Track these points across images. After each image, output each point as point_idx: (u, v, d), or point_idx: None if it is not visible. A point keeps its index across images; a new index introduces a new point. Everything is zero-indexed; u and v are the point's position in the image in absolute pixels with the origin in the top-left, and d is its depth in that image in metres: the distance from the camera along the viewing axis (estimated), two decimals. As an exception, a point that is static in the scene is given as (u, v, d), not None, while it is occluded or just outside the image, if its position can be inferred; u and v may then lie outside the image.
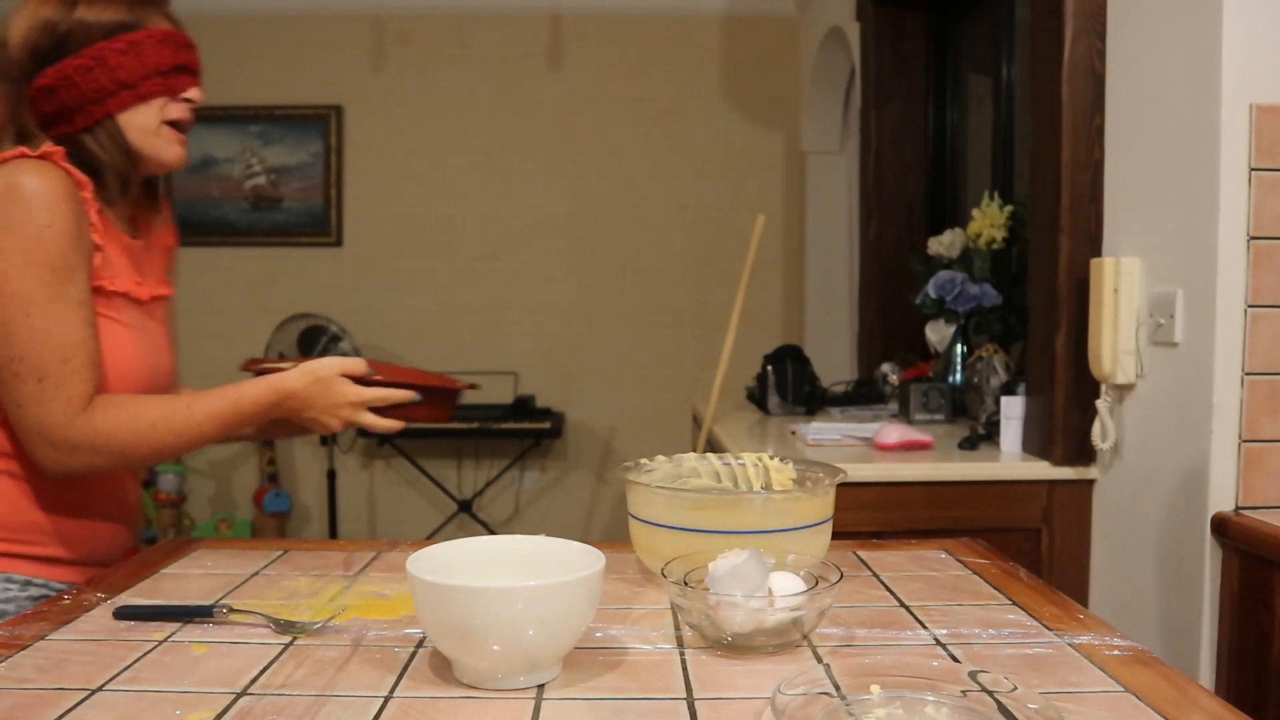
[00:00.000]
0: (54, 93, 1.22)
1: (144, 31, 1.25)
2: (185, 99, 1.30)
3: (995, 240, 2.48)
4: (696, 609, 0.87)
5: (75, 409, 1.16)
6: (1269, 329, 1.51)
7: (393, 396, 1.30)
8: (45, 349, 1.15)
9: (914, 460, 2.01)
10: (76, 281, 1.18)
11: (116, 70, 1.23)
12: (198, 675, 0.82)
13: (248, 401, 1.25)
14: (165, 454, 1.24)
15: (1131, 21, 1.77)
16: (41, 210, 1.15)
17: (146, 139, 1.27)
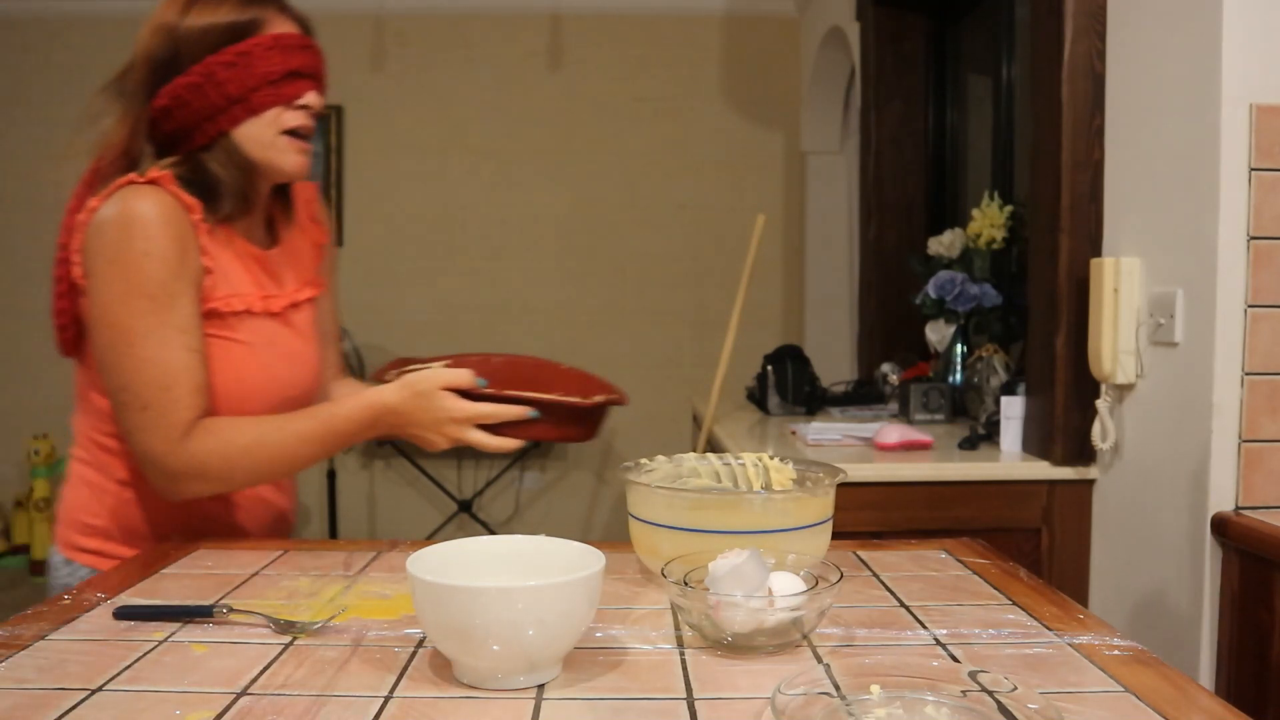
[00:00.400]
0: (170, 113, 1.22)
1: (252, 40, 1.20)
2: (301, 105, 1.25)
3: (995, 240, 2.49)
4: (696, 609, 0.87)
5: (176, 436, 1.16)
6: (1269, 329, 1.51)
7: (502, 414, 1.19)
8: (147, 378, 1.15)
9: (914, 460, 2.01)
10: (179, 308, 1.17)
11: (225, 85, 1.20)
12: (198, 675, 0.82)
13: (341, 419, 1.20)
14: (263, 477, 1.24)
15: (1131, 21, 1.77)
16: (139, 239, 1.15)
17: (263, 151, 1.24)
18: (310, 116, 1.26)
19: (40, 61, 4.62)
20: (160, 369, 1.15)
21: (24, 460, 4.44)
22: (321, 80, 1.28)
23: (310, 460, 1.23)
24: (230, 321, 1.24)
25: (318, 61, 1.27)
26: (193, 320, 1.19)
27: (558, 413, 1.20)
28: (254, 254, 1.30)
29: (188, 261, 1.18)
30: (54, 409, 4.69)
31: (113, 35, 4.63)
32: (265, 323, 1.29)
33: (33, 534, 4.28)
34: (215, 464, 1.18)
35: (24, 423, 4.58)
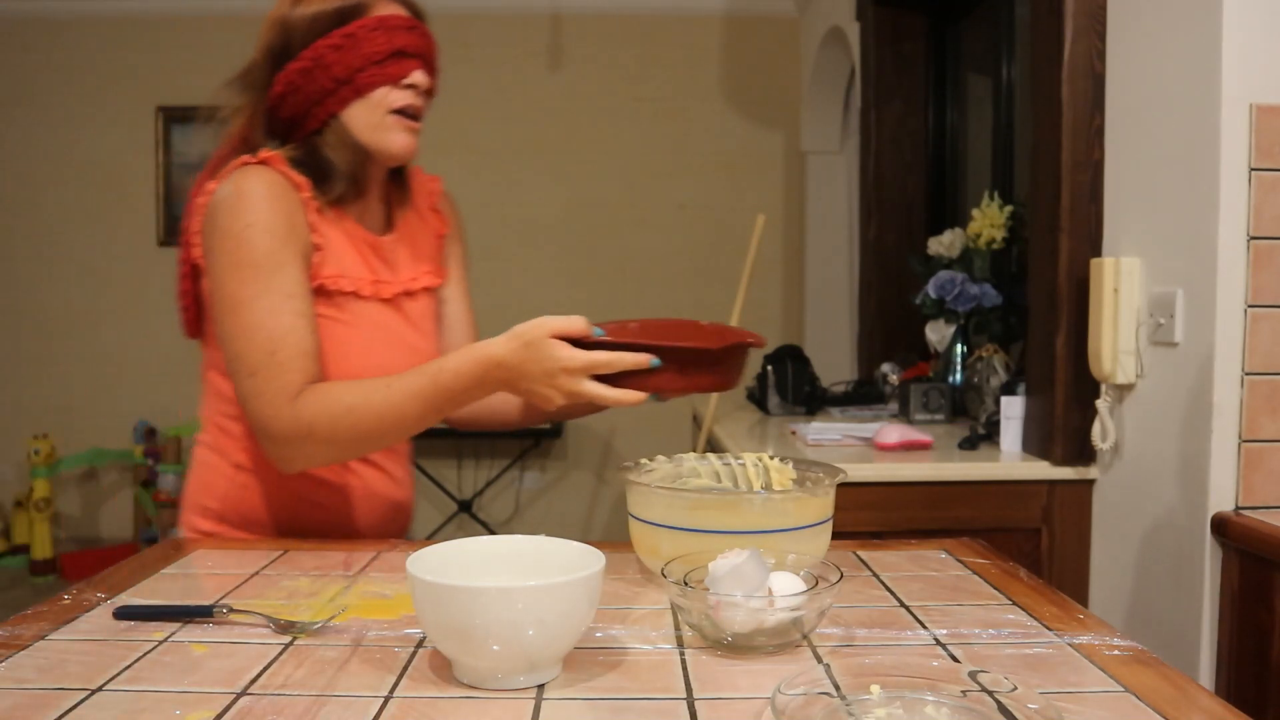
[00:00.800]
0: (284, 100, 1.24)
1: (358, 23, 1.20)
2: (408, 85, 1.24)
3: (995, 240, 2.49)
4: (696, 609, 0.87)
5: (284, 401, 1.14)
6: (1269, 329, 1.51)
7: (620, 362, 1.05)
8: (254, 344, 1.15)
9: (914, 460, 2.01)
10: (285, 274, 1.17)
11: (333, 68, 1.20)
12: (198, 675, 0.82)
13: (449, 374, 1.11)
14: (372, 440, 1.17)
15: (1131, 21, 1.77)
16: (245, 211, 1.16)
17: (371, 132, 1.23)
18: (418, 95, 1.25)
19: (40, 61, 4.62)
20: (265, 334, 1.15)
21: (24, 460, 4.44)
22: (430, 60, 1.26)
23: (418, 420, 1.15)
24: (337, 300, 1.24)
25: (425, 42, 1.25)
26: (300, 287, 1.18)
27: (682, 359, 1.07)
28: (367, 239, 1.30)
29: (295, 234, 1.19)
30: (54, 409, 4.72)
31: (113, 35, 4.65)
32: (374, 307, 1.29)
33: (33, 534, 4.28)
34: (321, 426, 1.14)
35: (24, 423, 4.58)
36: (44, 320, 4.70)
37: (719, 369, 1.11)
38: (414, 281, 1.34)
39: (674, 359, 1.06)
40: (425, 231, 1.41)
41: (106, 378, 4.71)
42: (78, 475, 4.75)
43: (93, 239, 4.68)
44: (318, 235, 1.22)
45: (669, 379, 1.07)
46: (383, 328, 1.29)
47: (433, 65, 1.27)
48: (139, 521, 4.62)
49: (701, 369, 1.09)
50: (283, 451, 1.17)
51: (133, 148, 4.66)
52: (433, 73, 1.27)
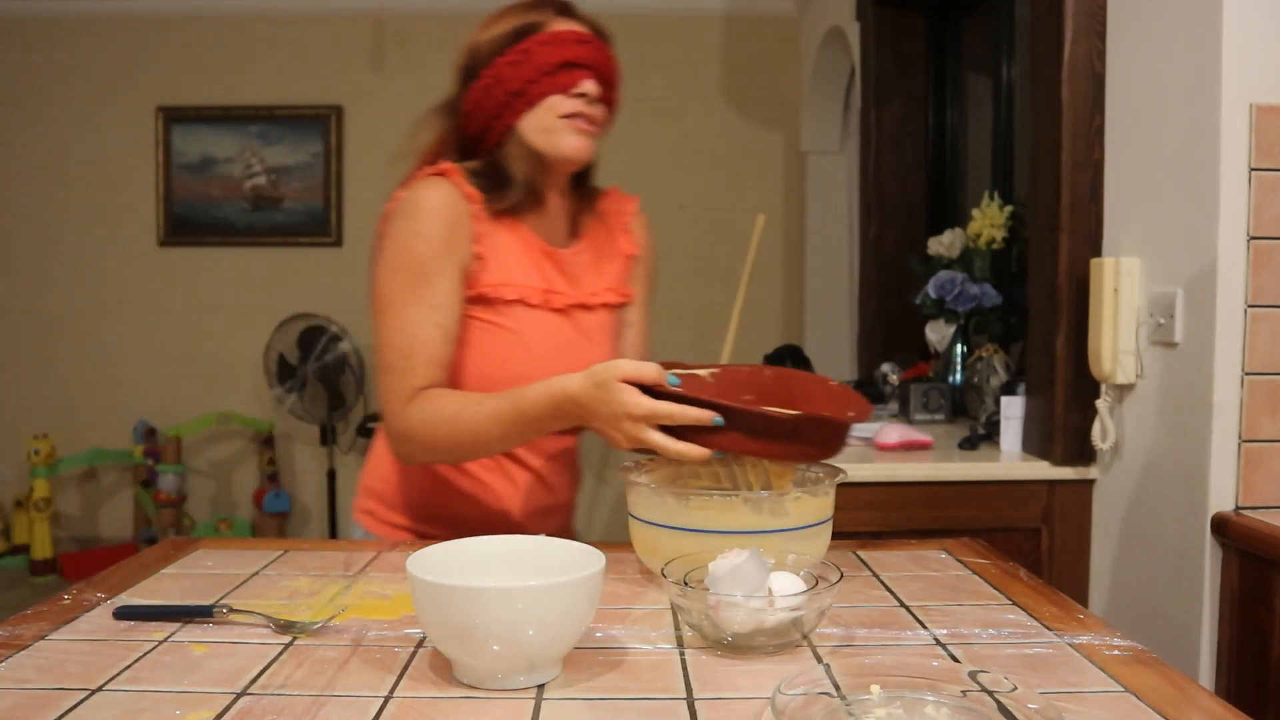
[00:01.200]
0: (470, 117, 1.32)
1: (532, 38, 1.27)
2: (578, 94, 1.28)
3: (995, 240, 2.48)
4: (696, 609, 0.87)
5: (401, 401, 1.22)
6: (1269, 329, 1.51)
7: (680, 416, 1.03)
8: (394, 344, 1.23)
9: (914, 460, 2.01)
10: (435, 286, 1.24)
11: (508, 82, 1.27)
12: (198, 675, 0.82)
13: (527, 403, 1.15)
14: (461, 451, 1.22)
15: (1131, 21, 1.77)
16: (413, 220, 1.25)
17: (545, 138, 1.28)
18: (588, 104, 1.29)
19: (40, 61, 4.62)
20: (405, 338, 1.23)
21: (24, 460, 4.44)
22: (602, 72, 1.30)
23: (501, 441, 1.19)
24: (498, 308, 1.29)
25: (597, 55, 1.29)
26: (447, 300, 1.25)
27: (750, 424, 1.03)
28: (546, 250, 1.34)
29: (455, 246, 1.25)
30: (54, 409, 4.72)
31: (113, 35, 4.65)
32: (545, 316, 1.32)
33: (33, 534, 4.28)
34: (421, 430, 1.21)
35: (24, 423, 4.58)
36: (44, 320, 4.70)
37: (797, 440, 1.04)
38: (593, 296, 1.37)
39: (741, 422, 1.02)
40: (613, 249, 1.43)
41: (106, 378, 4.71)
42: (78, 475, 4.75)
43: (93, 239, 4.68)
44: (481, 246, 1.27)
45: (735, 440, 1.03)
46: (552, 337, 1.32)
47: (606, 77, 1.31)
48: (139, 521, 4.62)
49: (774, 437, 1.03)
50: (395, 447, 1.27)
51: (133, 148, 4.66)
52: (607, 85, 1.31)
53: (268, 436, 4.66)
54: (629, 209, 1.46)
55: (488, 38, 1.30)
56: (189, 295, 4.70)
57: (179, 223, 4.70)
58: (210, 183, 4.69)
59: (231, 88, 4.64)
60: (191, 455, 4.69)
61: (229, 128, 4.67)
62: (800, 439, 1.05)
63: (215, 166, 4.69)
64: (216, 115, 4.66)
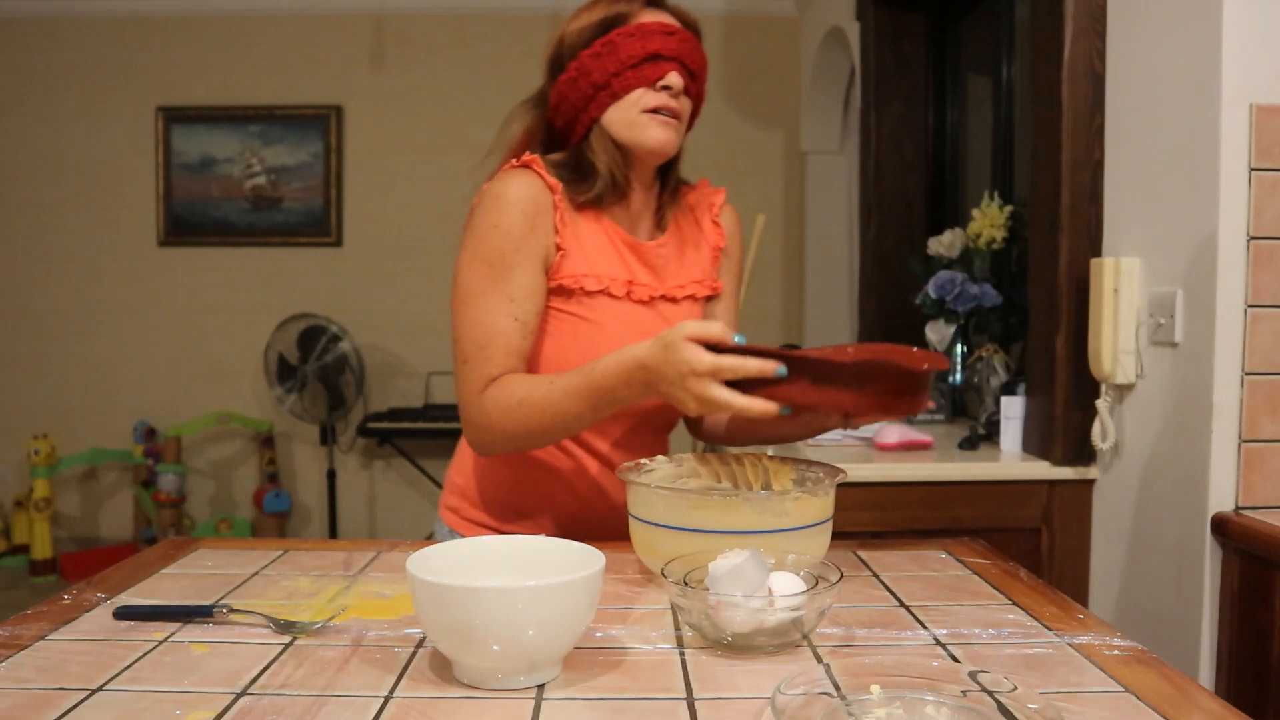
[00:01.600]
0: (557, 110, 1.32)
1: (617, 31, 1.26)
2: (663, 86, 1.27)
3: (995, 240, 2.48)
4: (696, 609, 0.87)
5: (476, 390, 1.22)
6: (1269, 329, 1.51)
7: (743, 367, 1.02)
8: (471, 336, 1.23)
9: (914, 460, 2.01)
10: (513, 279, 1.24)
11: (593, 74, 1.27)
12: (198, 675, 0.82)
13: (599, 374, 1.14)
14: (537, 434, 1.20)
15: (1131, 21, 1.77)
16: (493, 213, 1.25)
17: (629, 131, 1.27)
18: (672, 96, 1.28)
19: (40, 61, 4.62)
20: (482, 329, 1.22)
21: (24, 460, 4.44)
22: (687, 64, 1.29)
23: (577, 418, 1.18)
24: (579, 299, 1.28)
25: (682, 46, 1.28)
26: (526, 292, 1.24)
27: (814, 372, 1.01)
28: (629, 242, 1.33)
29: (535, 238, 1.25)
30: (54, 409, 4.72)
31: (113, 35, 4.65)
32: (627, 308, 1.31)
33: (33, 534, 4.28)
34: (496, 415, 1.20)
35: (24, 423, 4.58)
36: (44, 320, 4.70)
37: (866, 389, 1.02)
38: (679, 289, 1.36)
39: (804, 370, 1.01)
40: (703, 243, 1.41)
41: (106, 378, 4.71)
42: (78, 475, 4.75)
43: (93, 239, 4.68)
44: (562, 237, 1.27)
45: (800, 391, 1.02)
46: (636, 329, 1.30)
47: (692, 69, 1.30)
48: (139, 521, 4.62)
49: (838, 385, 1.01)
50: (471, 437, 1.26)
51: (133, 148, 4.66)
52: (693, 77, 1.30)
53: (268, 436, 4.66)
54: (717, 201, 1.44)
55: (574, 29, 1.29)
56: (189, 295, 4.70)
57: (179, 223, 4.70)
58: (210, 183, 4.69)
59: (231, 88, 4.64)
60: (191, 455, 4.69)
61: (229, 128, 4.67)
62: (870, 388, 1.02)
63: (215, 166, 4.69)
64: (216, 115, 4.66)
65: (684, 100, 1.30)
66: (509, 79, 4.63)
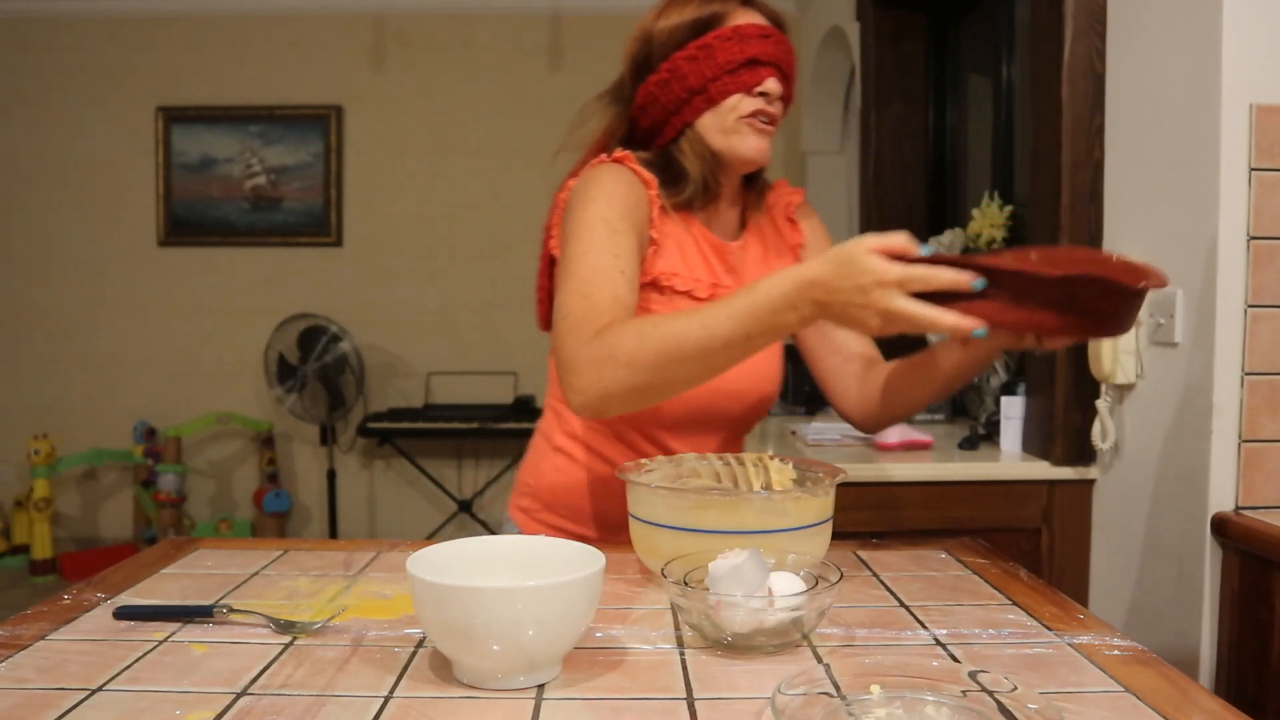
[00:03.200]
0: (645, 110, 1.29)
1: (712, 34, 1.23)
2: (761, 92, 1.24)
3: (995, 240, 2.48)
4: (696, 609, 0.87)
5: (588, 333, 1.09)
6: (1269, 329, 1.51)
7: (935, 277, 0.91)
8: (572, 293, 1.13)
9: (914, 460, 2.01)
10: (617, 240, 1.17)
11: (687, 78, 1.24)
12: (198, 675, 0.82)
13: (762, 291, 1.01)
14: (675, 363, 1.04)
15: (1131, 21, 1.77)
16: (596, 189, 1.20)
17: (724, 138, 1.25)
18: (770, 103, 1.25)
19: (40, 61, 4.62)
20: (584, 279, 1.13)
21: (24, 460, 4.44)
22: (784, 68, 1.26)
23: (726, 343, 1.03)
24: (668, 296, 1.26)
25: (779, 50, 1.25)
26: (630, 255, 1.18)
27: (1015, 286, 0.90)
28: (713, 243, 1.32)
29: (635, 220, 1.21)
30: (54, 409, 4.71)
31: (113, 35, 4.65)
32: None
33: (33, 534, 4.28)
34: (624, 346, 1.06)
35: (24, 423, 4.58)
36: (44, 320, 4.70)
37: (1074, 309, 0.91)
38: None
39: (1005, 283, 0.90)
40: (780, 242, 1.40)
41: (106, 378, 4.71)
42: (78, 475, 4.75)
43: (93, 239, 4.68)
44: (656, 231, 1.25)
45: (1000, 309, 0.91)
46: None
47: (787, 73, 1.27)
48: (139, 521, 4.62)
49: (1041, 302, 0.90)
50: (578, 382, 1.08)
51: (133, 148, 4.66)
52: (787, 80, 1.27)
53: (268, 436, 4.66)
54: (794, 200, 1.42)
55: (665, 28, 1.25)
56: (189, 295, 4.70)
57: (179, 223, 4.70)
58: (210, 183, 4.69)
59: (231, 88, 4.64)
60: (191, 455, 4.69)
61: (229, 128, 4.67)
62: (1077, 307, 0.91)
63: (215, 166, 4.69)
64: (216, 115, 4.66)
65: (779, 105, 1.27)
66: (509, 79, 4.66)
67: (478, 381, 4.62)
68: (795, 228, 1.41)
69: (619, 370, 1.06)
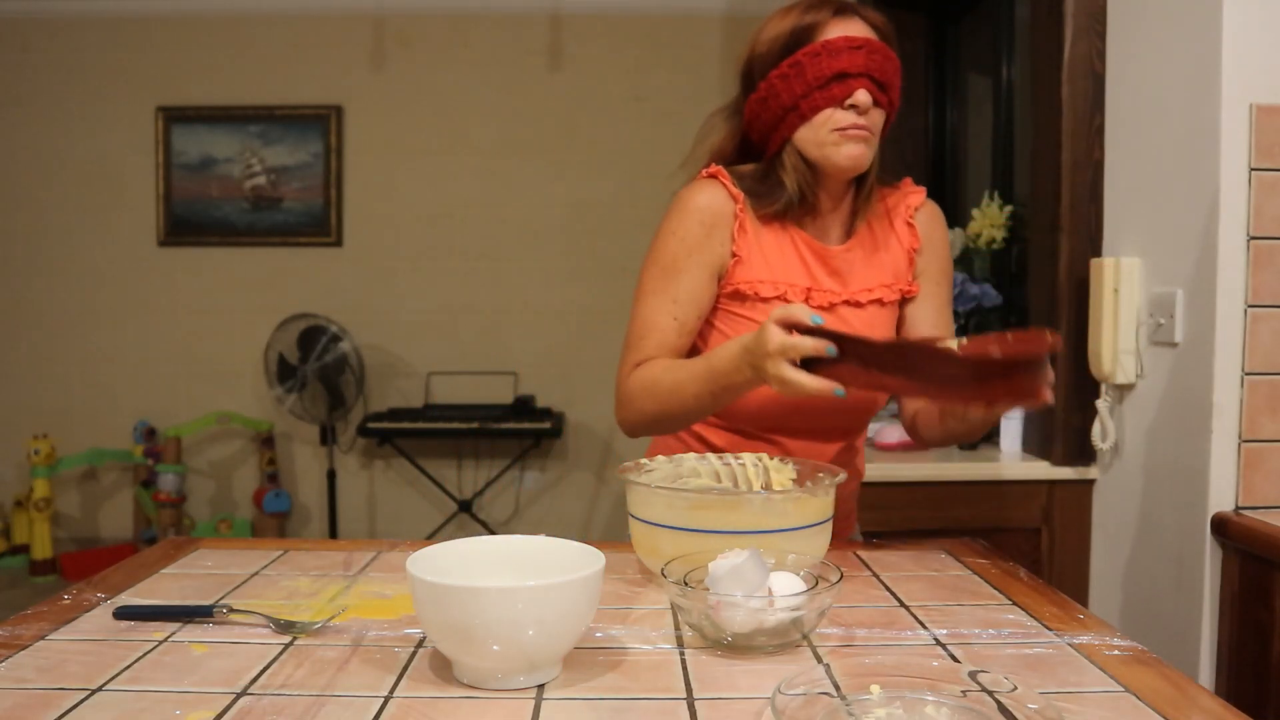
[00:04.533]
0: (752, 125, 1.34)
1: (802, 50, 1.26)
2: (851, 105, 1.27)
3: (995, 240, 2.48)
4: (696, 609, 0.87)
5: (628, 371, 1.31)
6: (1269, 329, 1.51)
7: (801, 346, 1.05)
8: (635, 327, 1.33)
9: (914, 460, 2.01)
10: (680, 282, 1.31)
11: (781, 96, 1.28)
12: (198, 675, 0.82)
13: (718, 358, 1.19)
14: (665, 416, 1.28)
15: (1131, 21, 1.77)
16: (673, 220, 1.33)
17: (819, 150, 1.29)
18: (861, 113, 1.28)
19: (40, 61, 4.62)
20: (644, 322, 1.32)
21: (24, 460, 4.44)
22: (877, 76, 1.27)
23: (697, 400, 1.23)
24: (754, 303, 1.32)
25: (871, 60, 1.27)
26: (689, 296, 1.31)
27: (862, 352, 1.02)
28: (815, 248, 1.34)
29: (709, 246, 1.32)
30: (54, 409, 4.72)
31: (113, 35, 4.65)
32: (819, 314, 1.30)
33: (33, 534, 4.27)
34: (636, 394, 1.29)
35: (24, 423, 4.58)
36: (44, 320, 4.69)
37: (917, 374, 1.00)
38: (866, 293, 1.36)
39: (851, 350, 1.03)
40: (894, 244, 1.41)
41: (106, 378, 4.71)
42: (78, 475, 4.74)
43: (93, 239, 4.67)
44: (739, 246, 1.31)
45: (852, 372, 1.03)
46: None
47: (881, 81, 1.28)
48: (139, 521, 4.62)
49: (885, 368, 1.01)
50: (618, 414, 1.34)
51: (133, 148, 4.65)
52: (883, 88, 1.29)
53: (268, 436, 4.65)
54: (913, 202, 1.43)
55: (764, 42, 1.30)
56: (189, 295, 4.70)
57: (179, 223, 4.70)
58: (210, 183, 4.69)
59: (231, 88, 4.64)
60: (191, 455, 4.69)
61: (229, 128, 4.67)
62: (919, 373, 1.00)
63: (215, 166, 4.68)
64: (216, 115, 4.66)
65: (875, 113, 1.30)
66: (509, 79, 4.66)
67: (478, 381, 4.62)
68: (912, 231, 1.42)
69: (633, 413, 1.31)
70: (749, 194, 1.32)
